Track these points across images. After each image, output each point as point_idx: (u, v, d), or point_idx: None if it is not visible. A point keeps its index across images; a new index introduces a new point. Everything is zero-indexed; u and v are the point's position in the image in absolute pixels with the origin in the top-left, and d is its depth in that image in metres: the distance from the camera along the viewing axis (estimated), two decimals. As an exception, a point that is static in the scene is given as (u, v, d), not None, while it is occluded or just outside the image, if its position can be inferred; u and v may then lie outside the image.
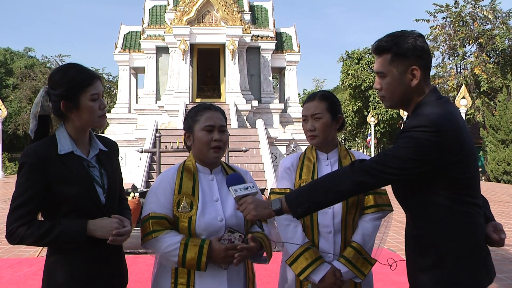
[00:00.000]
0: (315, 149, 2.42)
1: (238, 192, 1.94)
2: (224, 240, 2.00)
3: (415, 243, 1.90)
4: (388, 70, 1.87)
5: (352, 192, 1.88)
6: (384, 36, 1.91)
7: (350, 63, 34.07)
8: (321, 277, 2.19)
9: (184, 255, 1.97)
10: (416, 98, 1.88)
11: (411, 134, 1.75)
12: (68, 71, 1.95)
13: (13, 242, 1.84)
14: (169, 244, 2.00)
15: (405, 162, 1.74)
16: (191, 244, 1.98)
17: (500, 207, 11.62)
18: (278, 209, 1.89)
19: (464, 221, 1.81)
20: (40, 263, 2.00)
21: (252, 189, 1.97)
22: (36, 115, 1.95)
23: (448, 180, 1.78)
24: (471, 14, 27.82)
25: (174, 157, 12.81)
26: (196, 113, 2.18)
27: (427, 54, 1.87)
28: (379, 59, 1.90)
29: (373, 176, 1.79)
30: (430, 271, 1.82)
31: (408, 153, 1.73)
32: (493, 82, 26.66)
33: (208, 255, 1.97)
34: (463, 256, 1.80)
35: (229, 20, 18.54)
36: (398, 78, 1.86)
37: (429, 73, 1.92)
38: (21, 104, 35.15)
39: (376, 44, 1.91)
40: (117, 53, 21.03)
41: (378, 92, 1.97)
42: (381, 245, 2.39)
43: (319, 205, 1.90)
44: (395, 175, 1.77)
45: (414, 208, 1.90)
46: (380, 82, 1.92)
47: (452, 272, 1.79)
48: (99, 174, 2.00)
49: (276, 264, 2.48)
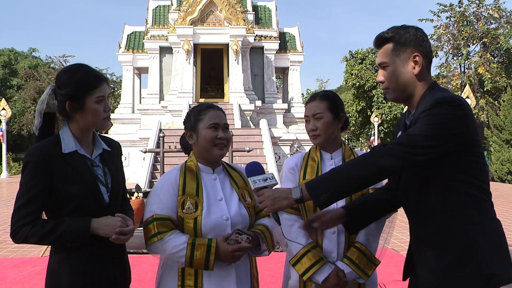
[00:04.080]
0: (319, 149, 2.42)
1: (257, 184, 1.91)
2: (231, 240, 1.99)
3: (433, 241, 1.81)
4: (391, 60, 1.87)
5: (375, 177, 1.78)
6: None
7: (354, 63, 34.02)
8: (324, 278, 2.18)
9: (192, 255, 1.97)
10: (419, 88, 1.87)
11: (433, 111, 1.71)
12: (76, 72, 1.96)
13: (18, 241, 1.85)
14: (175, 245, 2.00)
15: (431, 139, 1.69)
16: (198, 244, 1.98)
17: (505, 207, 11.58)
18: (299, 198, 1.81)
19: (486, 208, 1.79)
20: (44, 263, 2.01)
21: (271, 180, 1.93)
22: (41, 112, 1.96)
23: (468, 163, 1.74)
24: (475, 14, 27.74)
25: (177, 157, 12.81)
26: (200, 112, 2.19)
27: (428, 43, 1.89)
28: (381, 50, 1.91)
29: (398, 158, 1.71)
30: (460, 266, 1.73)
31: (434, 129, 1.69)
32: (497, 82, 26.57)
33: (215, 254, 1.97)
34: (492, 245, 1.75)
35: (232, 20, 18.55)
36: (401, 67, 1.86)
37: (430, 63, 1.92)
38: (25, 104, 35.24)
39: (378, 36, 1.92)
40: (121, 53, 21.08)
41: (381, 85, 1.95)
42: (385, 246, 2.38)
43: (342, 193, 1.84)
44: (421, 155, 1.70)
45: (431, 201, 1.81)
46: (383, 73, 1.91)
47: (487, 264, 1.72)
48: (103, 173, 2.01)
49: (280, 264, 2.48)
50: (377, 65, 1.95)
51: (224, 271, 2.05)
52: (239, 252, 1.99)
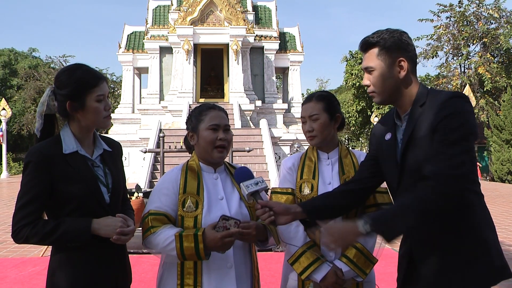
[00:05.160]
0: (316, 149, 2.43)
1: (250, 188, 1.92)
2: (219, 228, 1.95)
3: (441, 240, 1.80)
4: (376, 64, 1.89)
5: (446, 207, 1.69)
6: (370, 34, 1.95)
7: (354, 63, 33.98)
8: (322, 276, 2.19)
9: (182, 246, 1.96)
10: (405, 91, 1.90)
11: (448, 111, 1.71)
12: (75, 71, 1.96)
13: (19, 241, 1.86)
14: (166, 238, 1.99)
15: (469, 141, 1.70)
16: (185, 235, 1.97)
17: (505, 207, 11.58)
18: (370, 232, 1.74)
19: (484, 204, 1.83)
20: (45, 263, 2.02)
21: (262, 184, 1.96)
22: (42, 114, 1.97)
23: (471, 159, 1.74)
24: (475, 14, 27.72)
25: (177, 157, 12.83)
26: (201, 113, 2.20)
27: (412, 47, 1.91)
28: (366, 54, 1.92)
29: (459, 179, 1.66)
30: (475, 263, 1.75)
31: (465, 131, 1.70)
32: (497, 82, 26.56)
33: (204, 243, 1.94)
34: (495, 240, 1.80)
35: (232, 20, 18.54)
36: (386, 71, 1.88)
37: (415, 66, 1.94)
38: (25, 104, 35.22)
39: (363, 40, 1.94)
40: (121, 53, 21.07)
41: (367, 88, 1.97)
42: (382, 245, 2.39)
43: (414, 230, 1.83)
44: (470, 164, 1.70)
45: None
46: (368, 77, 1.93)
47: (498, 257, 1.78)
48: (104, 173, 2.02)
49: (280, 264, 2.50)
50: (362, 69, 1.97)
51: (224, 270, 2.05)
52: (229, 238, 1.94)
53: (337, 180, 2.32)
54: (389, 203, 2.34)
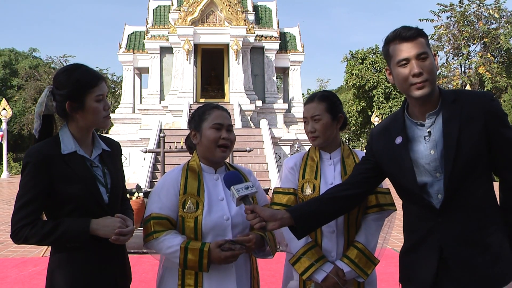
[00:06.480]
0: (318, 149, 2.42)
1: (241, 192, 1.92)
2: (225, 248, 1.98)
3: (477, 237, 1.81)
4: (428, 52, 1.83)
5: None
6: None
7: (354, 63, 33.98)
8: (324, 277, 2.19)
9: (185, 258, 1.98)
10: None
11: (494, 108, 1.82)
12: (74, 72, 1.96)
13: (18, 241, 1.86)
14: (169, 246, 2.00)
15: None
16: (191, 249, 1.98)
17: (505, 207, 11.54)
18: None
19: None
20: (45, 263, 2.02)
21: (252, 188, 1.95)
22: (40, 115, 1.96)
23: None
24: (476, 14, 27.73)
25: (178, 157, 12.83)
26: (204, 112, 2.20)
27: None
28: (417, 41, 1.81)
29: None
30: (506, 259, 1.82)
31: None
32: (498, 82, 26.56)
33: (208, 258, 1.97)
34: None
35: (233, 20, 18.54)
36: (433, 61, 1.84)
37: None
38: (25, 104, 35.23)
39: (412, 28, 1.84)
40: (121, 53, 21.08)
41: (419, 76, 1.79)
42: (384, 245, 2.39)
43: None
44: None
45: (479, 197, 1.83)
46: (422, 65, 1.80)
47: None
48: (102, 173, 2.01)
49: (280, 264, 2.49)
50: (409, 57, 1.80)
51: (224, 271, 2.05)
52: (233, 258, 1.99)
53: (339, 180, 2.30)
54: (391, 204, 2.33)
